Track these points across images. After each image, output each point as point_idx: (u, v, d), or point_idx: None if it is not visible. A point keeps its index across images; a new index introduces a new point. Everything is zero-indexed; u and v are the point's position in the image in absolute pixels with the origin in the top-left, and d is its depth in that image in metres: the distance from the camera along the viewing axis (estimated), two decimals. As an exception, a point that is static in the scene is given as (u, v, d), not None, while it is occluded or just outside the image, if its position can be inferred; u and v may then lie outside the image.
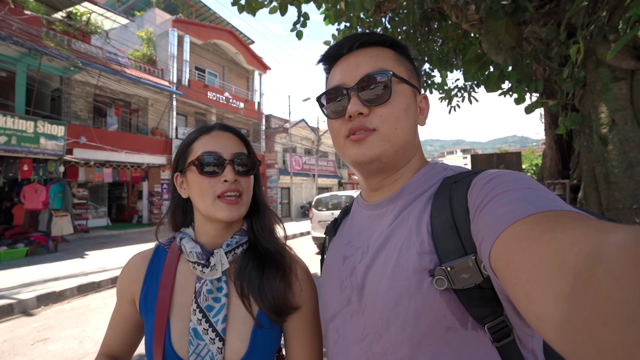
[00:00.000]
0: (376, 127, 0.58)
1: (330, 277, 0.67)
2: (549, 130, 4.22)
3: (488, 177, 0.50)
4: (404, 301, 0.50)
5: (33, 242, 8.14)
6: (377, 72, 0.58)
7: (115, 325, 0.83)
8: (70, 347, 3.48)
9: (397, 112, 0.58)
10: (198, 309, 0.73)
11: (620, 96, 2.20)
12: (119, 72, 11.29)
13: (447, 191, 0.54)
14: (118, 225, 13.42)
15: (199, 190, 0.76)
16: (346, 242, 0.67)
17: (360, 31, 4.09)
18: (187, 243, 0.78)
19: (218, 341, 0.71)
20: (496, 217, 0.41)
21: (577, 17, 2.29)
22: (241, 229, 0.83)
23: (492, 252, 0.39)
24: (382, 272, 0.54)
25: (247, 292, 0.75)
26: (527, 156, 31.04)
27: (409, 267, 0.51)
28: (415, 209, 0.57)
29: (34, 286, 5.27)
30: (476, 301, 0.47)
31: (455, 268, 0.47)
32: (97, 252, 8.50)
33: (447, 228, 0.50)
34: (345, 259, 0.64)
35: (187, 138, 0.84)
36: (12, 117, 7.81)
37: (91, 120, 12.06)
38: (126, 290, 0.82)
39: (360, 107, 0.58)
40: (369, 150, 0.58)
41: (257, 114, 18.83)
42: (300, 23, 3.60)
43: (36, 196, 8.26)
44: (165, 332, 0.73)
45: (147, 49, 14.57)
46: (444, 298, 0.48)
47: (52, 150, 8.53)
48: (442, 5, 3.39)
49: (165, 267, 0.80)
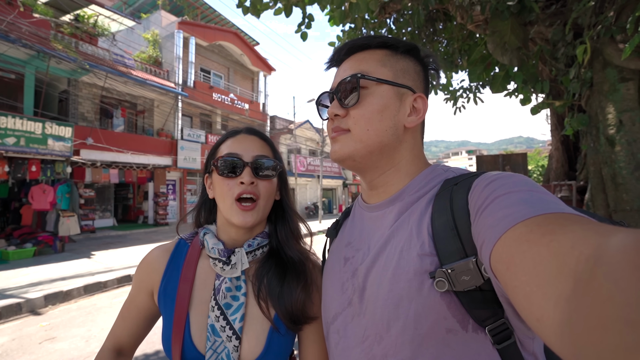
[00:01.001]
0: (349, 127, 0.61)
1: (332, 278, 0.67)
2: (555, 131, 4.17)
3: (489, 179, 0.50)
4: (405, 303, 0.50)
5: (41, 242, 8.24)
6: (348, 76, 0.61)
7: (128, 316, 0.84)
8: (77, 346, 3.52)
9: (368, 113, 0.60)
10: (217, 305, 0.74)
11: (628, 97, 2.17)
12: (125, 73, 11.41)
13: (448, 193, 0.54)
14: (124, 226, 13.54)
15: (220, 191, 0.79)
16: (346, 243, 0.68)
17: (365, 32, 4.09)
18: (210, 239, 0.80)
19: (235, 339, 0.72)
20: (497, 219, 0.41)
21: (584, 17, 2.27)
22: (263, 232, 0.84)
23: (493, 255, 0.39)
24: (383, 274, 0.55)
25: (265, 297, 0.76)
26: (533, 157, 30.73)
27: (409, 269, 0.51)
28: (416, 210, 0.57)
29: (42, 285, 5.33)
30: (477, 303, 0.47)
31: (456, 270, 0.47)
32: (103, 252, 8.58)
33: (447, 230, 0.50)
34: (346, 261, 0.65)
35: (217, 141, 0.87)
36: (21, 118, 7.93)
37: (98, 121, 12.18)
38: (145, 281, 0.82)
39: (337, 109, 0.62)
40: (340, 149, 0.62)
41: (262, 115, 18.89)
42: (305, 24, 3.61)
43: (44, 197, 8.36)
44: (184, 326, 0.74)
45: (153, 50, 14.70)
46: (444, 300, 0.48)
47: (60, 151, 8.64)
48: (447, 6, 3.38)
49: (186, 261, 0.81)
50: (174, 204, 14.70)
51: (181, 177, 14.95)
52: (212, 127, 17.06)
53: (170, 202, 14.31)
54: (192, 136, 14.69)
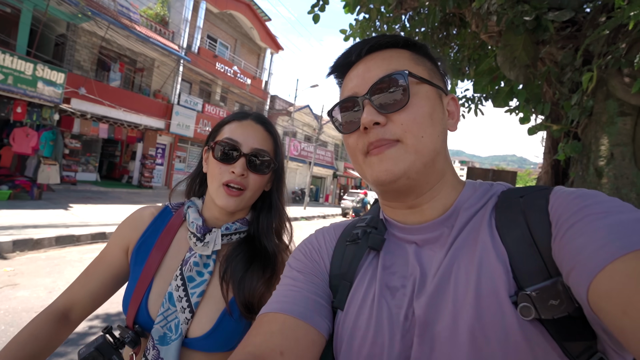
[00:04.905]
0: (399, 137, 0.48)
1: (370, 312, 0.51)
2: (547, 154, 4.21)
3: (573, 191, 0.44)
4: (488, 339, 0.41)
5: (17, 186, 8.04)
6: (391, 74, 0.50)
7: (95, 272, 0.82)
8: (39, 296, 3.47)
9: (420, 117, 0.49)
10: (180, 276, 0.76)
11: (624, 131, 2.18)
12: (128, 27, 10.99)
13: (516, 205, 0.47)
14: (107, 183, 13.30)
15: (211, 172, 0.80)
16: (384, 268, 0.54)
17: (379, 25, 4.00)
18: (192, 213, 0.82)
19: (188, 312, 0.73)
20: (595, 242, 0.35)
21: (596, 44, 2.26)
22: (244, 218, 0.85)
23: (594, 287, 0.33)
24: (455, 307, 0.44)
25: (227, 278, 0.77)
26: (523, 177, 31.26)
27: (487, 296, 0.42)
28: (478, 227, 0.49)
29: (12, 230, 5.21)
30: (570, 334, 0.38)
31: (542, 293, 0.39)
32: (81, 205, 8.43)
33: (525, 245, 0.43)
34: (393, 291, 0.51)
35: (224, 119, 0.86)
36: (12, 55, 7.59)
37: (93, 72, 11.79)
38: (124, 237, 0.83)
39: (376, 115, 0.49)
40: (393, 166, 0.48)
41: (262, 93, 18.59)
42: (318, 7, 3.50)
43: (26, 140, 8.11)
44: (145, 290, 0.76)
45: (161, 9, 14.20)
46: (531, 331, 0.39)
47: (49, 97, 8.34)
48: (464, 12, 3.32)
49: (166, 228, 0.83)
50: (160, 169, 14.47)
51: (172, 142, 14.68)
52: (211, 97, 16.72)
53: (157, 166, 14.08)
54: (189, 103, 14.38)
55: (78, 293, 0.80)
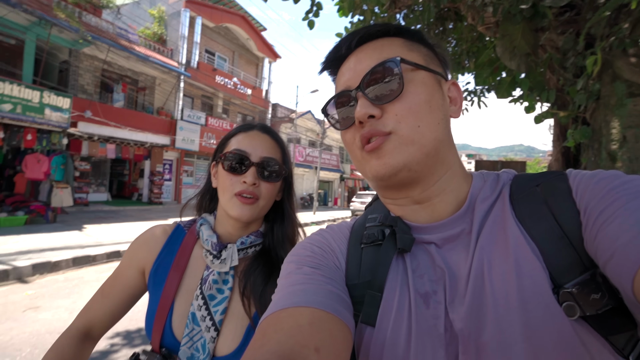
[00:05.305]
0: (391, 129, 0.45)
1: (409, 326, 0.45)
2: (556, 142, 4.15)
3: (594, 174, 0.42)
4: (544, 346, 0.38)
5: (33, 211, 8.19)
6: (382, 62, 0.47)
7: (111, 291, 0.82)
8: (60, 317, 3.51)
9: (416, 105, 0.46)
10: (201, 295, 0.75)
11: (635, 113, 2.14)
12: (128, 48, 11.21)
13: (536, 194, 0.45)
14: (118, 202, 13.49)
15: (222, 185, 0.79)
16: (412, 271, 0.49)
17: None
18: (205, 230, 0.81)
19: (213, 330, 0.73)
20: (633, 226, 0.33)
21: (598, 27, 2.22)
22: (258, 231, 0.85)
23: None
24: (498, 313, 0.40)
25: (248, 294, 0.76)
26: (532, 166, 30.83)
27: (532, 298, 0.39)
28: (504, 221, 0.45)
29: (31, 254, 5.31)
30: (614, 327, 0.36)
31: (583, 288, 0.37)
32: (95, 226, 8.55)
33: (555, 239, 0.41)
34: (425, 298, 0.46)
35: (230, 132, 0.86)
36: (19, 85, 7.79)
37: (97, 95, 12.02)
38: (140, 258, 0.82)
39: (370, 108, 0.46)
40: (390, 159, 0.45)
41: (264, 102, 18.72)
42: (312, 12, 3.52)
43: (38, 166, 8.28)
44: (168, 312, 0.75)
45: (158, 27, 14.45)
46: (579, 330, 0.37)
47: (57, 122, 8.52)
48: (458, 5, 3.31)
49: (181, 248, 0.83)
50: (169, 184, 14.63)
51: (178, 157, 14.85)
52: (213, 110, 16.90)
53: (165, 182, 14.24)
54: (192, 117, 14.55)
55: (96, 313, 0.81)
